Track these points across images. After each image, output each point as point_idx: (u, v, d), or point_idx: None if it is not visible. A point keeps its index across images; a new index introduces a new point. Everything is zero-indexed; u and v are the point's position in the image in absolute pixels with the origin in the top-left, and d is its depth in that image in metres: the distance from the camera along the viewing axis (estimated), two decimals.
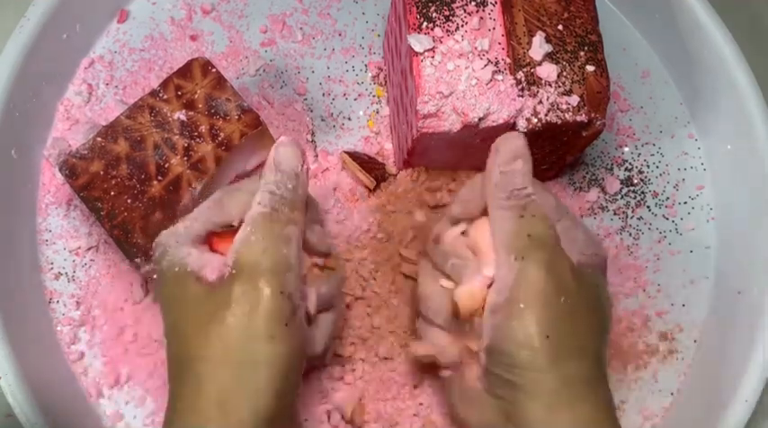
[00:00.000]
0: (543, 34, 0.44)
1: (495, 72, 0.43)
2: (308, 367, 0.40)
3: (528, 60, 0.44)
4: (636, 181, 0.55)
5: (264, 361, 0.35)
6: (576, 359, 0.36)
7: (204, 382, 0.35)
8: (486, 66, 0.43)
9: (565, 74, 0.44)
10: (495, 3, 0.44)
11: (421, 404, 0.49)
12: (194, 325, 0.36)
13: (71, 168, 0.44)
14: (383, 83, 0.55)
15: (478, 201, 0.40)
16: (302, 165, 0.40)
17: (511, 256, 0.37)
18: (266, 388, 0.35)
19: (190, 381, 0.36)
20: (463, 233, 0.41)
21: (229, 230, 0.39)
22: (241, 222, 0.39)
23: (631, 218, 0.54)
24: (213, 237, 0.40)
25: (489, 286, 0.38)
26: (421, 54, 0.43)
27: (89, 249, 0.50)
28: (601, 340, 0.38)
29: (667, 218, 0.55)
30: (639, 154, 0.56)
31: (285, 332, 0.36)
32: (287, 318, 0.36)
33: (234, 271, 0.36)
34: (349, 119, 0.54)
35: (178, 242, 0.39)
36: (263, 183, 0.39)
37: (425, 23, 0.43)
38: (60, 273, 0.50)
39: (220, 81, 0.46)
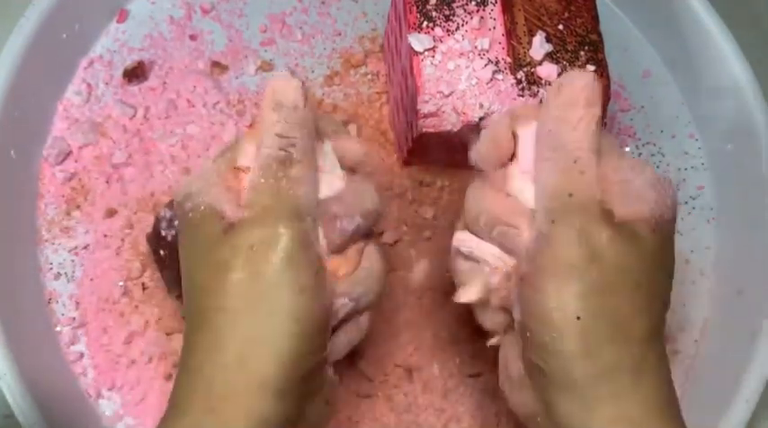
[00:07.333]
0: (544, 34, 0.44)
1: (496, 71, 0.43)
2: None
3: (528, 60, 0.44)
4: None
5: (291, 314, 0.31)
6: (616, 344, 0.31)
7: (223, 335, 0.32)
8: (486, 65, 0.43)
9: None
10: (496, 2, 0.44)
11: None
12: (211, 273, 0.32)
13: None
14: (383, 82, 0.55)
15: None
16: (304, 99, 0.35)
17: (546, 218, 0.32)
18: (291, 346, 0.31)
19: (207, 335, 0.32)
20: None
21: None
22: None
23: None
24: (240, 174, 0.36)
25: None
26: (421, 53, 0.43)
27: (86, 247, 0.50)
28: (654, 319, 0.33)
29: None
30: (640, 154, 0.56)
31: (315, 284, 0.32)
32: (315, 268, 0.32)
33: (247, 214, 0.32)
34: None
35: (208, 182, 0.34)
36: (266, 126, 0.34)
37: (426, 23, 0.43)
38: (60, 273, 0.50)
39: None
